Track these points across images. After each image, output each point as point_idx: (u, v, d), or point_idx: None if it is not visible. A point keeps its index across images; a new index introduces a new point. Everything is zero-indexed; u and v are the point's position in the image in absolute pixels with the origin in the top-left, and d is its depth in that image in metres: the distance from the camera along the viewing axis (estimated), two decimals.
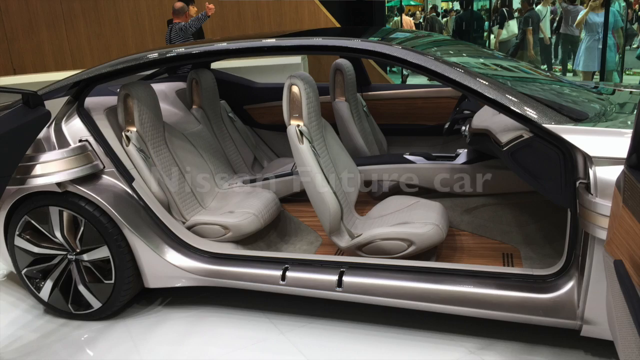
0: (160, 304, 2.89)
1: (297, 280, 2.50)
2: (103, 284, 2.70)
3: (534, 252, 2.69)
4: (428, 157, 3.12)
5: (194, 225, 2.88)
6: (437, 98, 3.88)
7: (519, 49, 9.08)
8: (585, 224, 1.94)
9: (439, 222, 2.58)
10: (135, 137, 2.78)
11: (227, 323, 2.68)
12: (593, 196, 1.89)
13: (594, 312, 2.03)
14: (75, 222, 2.68)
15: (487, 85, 2.15)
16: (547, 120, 2.02)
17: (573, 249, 2.06)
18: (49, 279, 2.78)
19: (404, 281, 2.34)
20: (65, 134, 2.67)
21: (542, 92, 2.36)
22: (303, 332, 2.56)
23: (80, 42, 8.33)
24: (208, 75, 3.73)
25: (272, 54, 2.58)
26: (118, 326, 2.72)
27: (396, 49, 2.31)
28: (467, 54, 2.92)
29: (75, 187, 2.58)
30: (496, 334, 2.41)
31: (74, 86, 2.74)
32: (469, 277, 2.27)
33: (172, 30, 6.16)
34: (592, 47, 7.56)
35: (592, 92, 2.72)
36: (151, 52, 2.66)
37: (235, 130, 3.95)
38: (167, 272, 2.68)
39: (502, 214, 2.95)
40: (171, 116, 3.45)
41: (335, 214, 2.59)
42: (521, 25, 9.02)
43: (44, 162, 2.56)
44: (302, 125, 2.61)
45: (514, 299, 2.17)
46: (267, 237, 3.11)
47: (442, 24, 14.22)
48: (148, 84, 3.01)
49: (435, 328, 2.49)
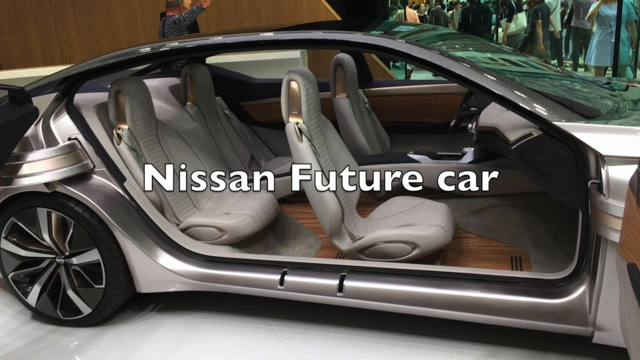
0: (153, 310, 2.90)
1: (296, 284, 2.50)
2: (93, 289, 2.70)
3: (543, 255, 2.70)
4: (433, 156, 3.12)
5: (189, 227, 2.89)
6: (442, 94, 3.88)
7: (528, 43, 9.10)
8: (597, 226, 1.94)
9: (444, 224, 2.58)
10: (127, 135, 2.78)
11: (223, 330, 2.69)
12: (605, 197, 1.89)
13: (606, 318, 2.03)
14: (64, 224, 2.68)
15: (495, 80, 2.15)
16: (557, 117, 2.02)
17: (584, 252, 2.06)
18: (36, 284, 2.78)
19: (407, 286, 2.34)
20: (54, 132, 2.67)
21: (552, 88, 2.36)
22: (302, 339, 2.56)
23: (69, 35, 8.33)
24: (203, 71, 3.73)
25: (270, 48, 2.59)
26: (109, 333, 2.72)
27: (399, 43, 2.31)
28: (474, 48, 2.92)
29: (64, 188, 2.58)
30: (504, 341, 2.41)
31: (62, 82, 2.74)
32: (476, 282, 2.27)
33: (166, 24, 6.16)
34: (605, 41, 7.56)
35: (604, 88, 2.72)
36: (143, 46, 2.67)
37: (232, 128, 3.95)
38: (160, 276, 2.68)
39: (510, 215, 2.95)
40: (164, 113, 3.45)
41: (336, 216, 2.59)
42: (530, 18, 9.03)
43: (32, 161, 2.56)
44: (301, 122, 2.61)
45: (522, 305, 2.17)
46: (265, 239, 3.11)
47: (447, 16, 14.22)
48: (140, 79, 3.01)
49: (440, 335, 2.49)
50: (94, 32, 8.28)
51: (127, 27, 8.21)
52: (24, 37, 8.37)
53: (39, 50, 8.43)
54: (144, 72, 3.90)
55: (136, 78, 3.02)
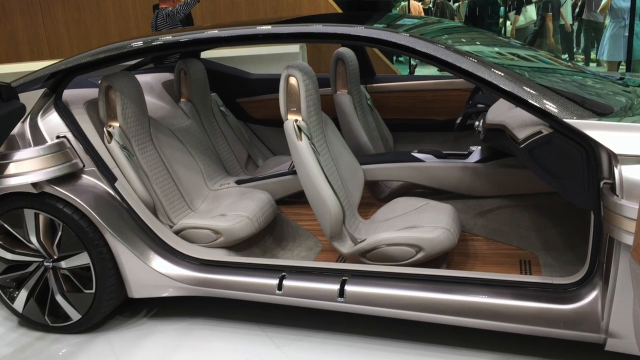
0: (146, 316, 2.90)
1: (295, 289, 2.50)
2: (83, 294, 2.70)
3: (553, 258, 2.70)
4: (438, 155, 3.12)
5: (182, 230, 2.89)
6: (448, 90, 3.88)
7: (538, 37, 9.09)
8: (610, 228, 1.94)
9: (450, 226, 2.58)
10: (118, 133, 2.78)
11: (219, 336, 2.69)
12: (618, 198, 1.89)
13: (619, 324, 2.03)
14: (53, 226, 2.68)
15: (503, 76, 2.15)
16: (568, 114, 2.02)
17: (597, 256, 2.06)
18: (23, 289, 2.78)
19: (411, 291, 2.35)
20: (42, 130, 2.67)
21: (563, 84, 2.36)
22: (301, 347, 2.56)
23: (57, 29, 8.34)
24: (198, 66, 3.74)
25: (268, 42, 2.59)
26: (99, 340, 2.72)
27: (403, 37, 2.32)
28: (481, 42, 2.92)
29: (52, 188, 2.58)
30: (512, 348, 2.41)
31: (50, 77, 2.74)
32: (483, 287, 2.27)
33: (159, 16, 6.16)
34: (618, 35, 7.57)
35: (617, 83, 2.72)
36: (135, 40, 2.67)
37: (228, 126, 3.95)
38: (152, 280, 2.68)
39: (519, 217, 2.96)
40: (157, 110, 3.45)
41: (337, 217, 2.60)
42: (540, 11, 9.03)
43: (18, 160, 2.56)
44: (300, 120, 2.61)
45: (532, 310, 2.18)
46: (262, 242, 3.11)
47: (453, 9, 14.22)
48: (132, 75, 3.01)
49: (446, 342, 2.49)
50: (84, 25, 8.29)
51: (118, 20, 8.21)
52: (10, 31, 8.37)
53: (26, 45, 8.43)
54: (136, 67, 3.91)
55: (128, 73, 3.03)
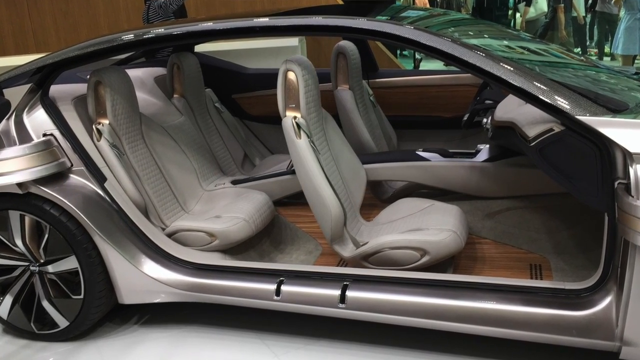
0: (137, 323, 2.90)
1: (294, 295, 2.50)
2: (71, 300, 2.70)
3: (565, 262, 2.70)
4: (444, 153, 3.12)
5: (176, 232, 2.89)
6: (454, 86, 3.88)
7: (549, 30, 9.10)
8: (624, 231, 1.94)
9: (456, 228, 2.58)
10: (108, 131, 2.78)
11: (213, 344, 2.69)
12: (634, 198, 1.89)
13: (634, 331, 2.03)
14: (39, 228, 2.68)
15: (512, 71, 2.15)
16: (581, 111, 2.02)
17: (611, 260, 2.06)
18: (8, 294, 2.78)
19: (416, 296, 2.35)
20: (27, 127, 2.68)
21: (575, 79, 2.36)
22: (300, 355, 2.56)
23: (44, 21, 8.33)
24: (191, 60, 3.74)
25: (265, 35, 2.59)
26: (88, 348, 2.72)
27: (407, 30, 2.32)
28: (489, 35, 2.92)
29: (39, 188, 2.58)
30: (522, 356, 2.41)
31: (37, 72, 2.74)
32: (491, 292, 2.27)
33: (150, 8, 6.15)
34: (633, 27, 7.57)
35: (632, 79, 2.72)
36: (126, 32, 2.67)
37: (223, 123, 3.95)
38: (144, 285, 2.68)
39: (529, 219, 2.96)
40: (149, 107, 3.45)
41: (338, 219, 2.60)
42: (551, 2, 9.03)
43: (3, 159, 2.56)
44: (299, 117, 2.61)
45: (543, 317, 2.18)
46: (259, 245, 3.11)
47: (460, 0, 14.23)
48: (123, 69, 3.01)
49: (452, 350, 2.49)
50: (72, 17, 8.28)
51: (108, 12, 8.20)
52: None
53: (10, 37, 8.42)
54: (126, 62, 3.90)
55: (118, 68, 3.03)
